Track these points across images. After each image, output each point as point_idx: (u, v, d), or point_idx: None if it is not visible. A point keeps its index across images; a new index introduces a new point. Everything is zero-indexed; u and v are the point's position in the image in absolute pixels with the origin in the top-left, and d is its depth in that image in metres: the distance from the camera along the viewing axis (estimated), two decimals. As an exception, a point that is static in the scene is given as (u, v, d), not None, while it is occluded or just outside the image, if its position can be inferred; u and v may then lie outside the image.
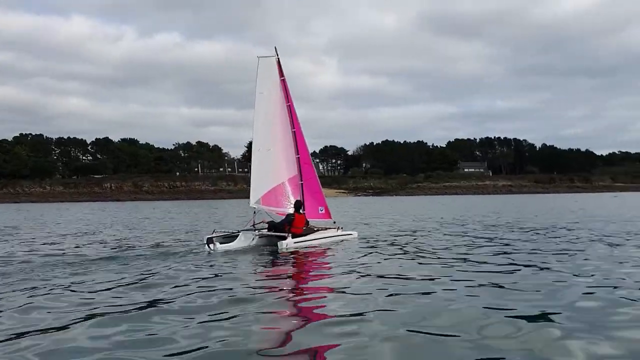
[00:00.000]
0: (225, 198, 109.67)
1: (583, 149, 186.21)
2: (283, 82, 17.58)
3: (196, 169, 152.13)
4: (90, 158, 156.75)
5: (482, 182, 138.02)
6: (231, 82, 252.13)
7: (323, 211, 17.99)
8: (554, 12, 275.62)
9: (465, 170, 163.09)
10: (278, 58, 17.61)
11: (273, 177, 17.31)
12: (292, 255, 14.06)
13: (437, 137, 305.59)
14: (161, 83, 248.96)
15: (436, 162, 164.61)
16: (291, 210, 16.41)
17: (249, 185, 17.42)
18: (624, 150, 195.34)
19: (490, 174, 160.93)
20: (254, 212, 16.78)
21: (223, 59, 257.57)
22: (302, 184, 17.46)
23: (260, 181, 17.22)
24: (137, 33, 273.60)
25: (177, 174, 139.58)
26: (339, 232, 17.47)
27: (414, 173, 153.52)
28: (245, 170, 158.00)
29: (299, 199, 16.92)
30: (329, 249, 15.28)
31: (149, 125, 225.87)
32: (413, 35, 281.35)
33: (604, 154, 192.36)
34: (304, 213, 16.61)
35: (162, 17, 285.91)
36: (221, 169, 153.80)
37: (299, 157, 17.53)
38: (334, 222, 17.92)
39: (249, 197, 17.24)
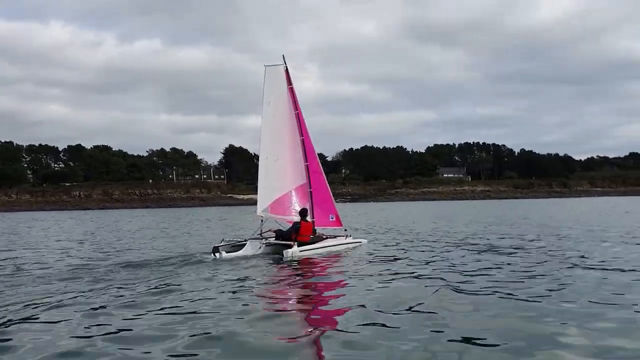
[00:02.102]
0: (199, 206, 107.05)
1: (561, 154, 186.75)
2: (291, 90, 17.54)
3: (171, 176, 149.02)
4: (62, 165, 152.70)
5: (461, 188, 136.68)
6: (212, 89, 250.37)
7: (334, 219, 17.97)
8: (531, 20, 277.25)
9: (444, 175, 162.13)
10: (286, 66, 17.57)
11: (280, 185, 17.37)
12: (295, 264, 13.96)
13: (418, 143, 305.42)
14: (142, 89, 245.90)
15: (415, 168, 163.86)
16: (297, 219, 16.37)
17: (256, 193, 17.78)
18: (602, 155, 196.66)
19: (469, 179, 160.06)
20: (262, 221, 16.87)
21: (204, 65, 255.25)
22: (310, 191, 17.38)
23: (268, 189, 17.34)
24: (117, 39, 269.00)
25: (150, 181, 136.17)
26: (348, 239, 17.38)
27: (393, 179, 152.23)
28: (222, 177, 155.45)
29: (305, 207, 16.78)
30: (335, 257, 15.15)
31: (129, 132, 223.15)
32: (393, 42, 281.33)
33: (582, 159, 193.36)
34: (312, 221, 16.63)
35: (142, 24, 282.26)
36: (197, 176, 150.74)
37: (307, 165, 17.48)
38: (345, 230, 18.00)
39: (224, 205, 15.98)
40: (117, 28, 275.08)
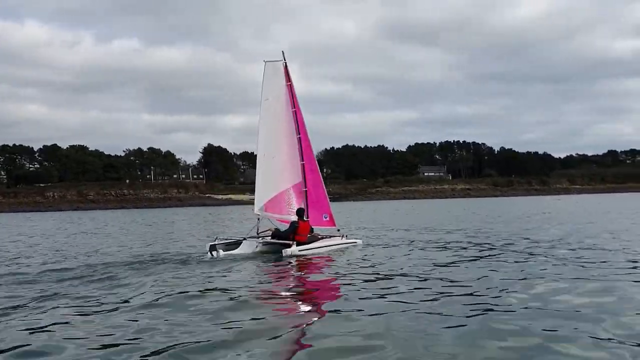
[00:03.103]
0: (175, 206, 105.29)
1: (541, 153, 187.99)
2: (290, 87, 17.41)
3: (149, 176, 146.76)
4: (38, 166, 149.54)
5: (441, 186, 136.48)
6: (192, 88, 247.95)
7: (327, 218, 17.79)
8: (510, 19, 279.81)
9: (425, 174, 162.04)
10: (285, 62, 17.44)
11: (276, 184, 17.23)
12: (293, 263, 13.93)
13: (399, 143, 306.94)
14: (122, 89, 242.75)
15: (396, 167, 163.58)
16: (294, 218, 16.23)
17: (253, 193, 17.52)
18: (581, 153, 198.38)
19: (450, 178, 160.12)
20: (258, 219, 16.83)
21: (184, 65, 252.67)
22: (305, 190, 17.22)
23: (264, 188, 17.20)
24: (95, 39, 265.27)
25: (127, 181, 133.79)
26: (344, 240, 17.14)
27: (375, 178, 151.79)
28: (201, 176, 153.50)
29: (301, 206, 16.73)
30: (330, 257, 15.02)
31: (109, 132, 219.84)
32: (373, 42, 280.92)
33: (562, 157, 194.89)
34: (307, 220, 16.47)
35: (120, 23, 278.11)
36: (175, 176, 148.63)
37: (303, 164, 17.33)
38: (338, 230, 17.82)
39: (202, 205, 15.18)
40: (95, 27, 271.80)
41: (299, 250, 15.20)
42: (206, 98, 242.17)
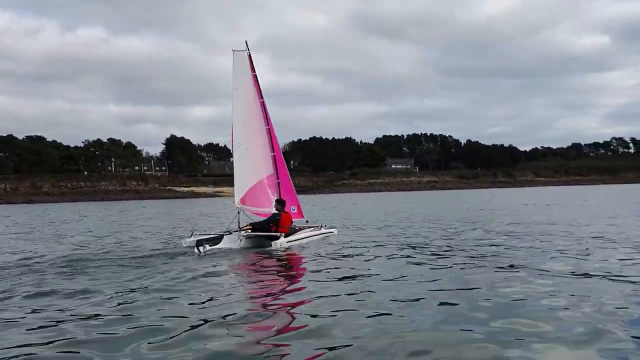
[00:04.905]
0: (133, 199, 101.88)
1: (507, 145, 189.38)
2: (255, 77, 17.15)
3: (110, 168, 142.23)
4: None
5: (407, 179, 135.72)
6: (158, 79, 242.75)
7: (295, 210, 17.44)
8: (477, 15, 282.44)
9: (393, 166, 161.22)
10: (249, 52, 17.17)
11: (250, 176, 17.01)
12: (284, 255, 13.50)
13: (368, 136, 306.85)
14: (86, 79, 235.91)
15: (364, 159, 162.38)
16: (271, 210, 16.09)
17: (233, 185, 17.16)
18: (546, 146, 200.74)
19: (417, 170, 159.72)
20: (238, 212, 16.43)
21: (150, 55, 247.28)
22: (278, 182, 17.05)
23: (241, 180, 16.97)
24: (58, 27, 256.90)
25: (85, 173, 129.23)
26: (322, 230, 17.09)
27: (342, 170, 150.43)
28: (163, 168, 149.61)
29: (280, 197, 16.48)
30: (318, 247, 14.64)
31: (72, 123, 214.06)
32: (342, 35, 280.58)
33: (527, 150, 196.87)
34: (288, 212, 16.22)
35: (84, 11, 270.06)
36: (136, 168, 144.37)
37: (274, 155, 17.17)
38: (307, 222, 17.61)
39: (162, 198, 13.25)
40: (58, 15, 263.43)
41: (287, 242, 14.84)
42: (173, 89, 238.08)
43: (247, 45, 17.08)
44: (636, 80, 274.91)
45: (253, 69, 17.09)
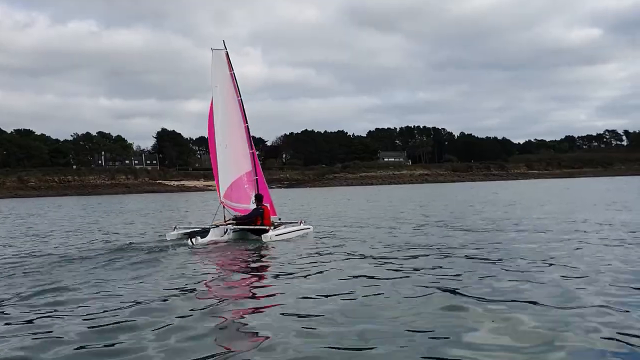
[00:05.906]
0: (123, 193, 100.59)
1: (500, 138, 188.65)
2: (232, 76, 17.47)
3: (100, 162, 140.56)
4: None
5: (399, 172, 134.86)
6: (151, 73, 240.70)
7: (268, 207, 17.26)
8: (468, 8, 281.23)
9: (385, 159, 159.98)
10: (227, 51, 17.47)
11: (231, 172, 17.30)
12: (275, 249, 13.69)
13: (360, 129, 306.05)
14: (78, 73, 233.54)
15: (357, 152, 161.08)
16: (251, 206, 16.61)
17: (216, 180, 17.45)
18: (539, 139, 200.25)
19: (410, 163, 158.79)
20: (224, 207, 16.78)
21: (142, 48, 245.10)
22: (257, 179, 17.46)
23: (223, 177, 17.25)
24: (49, 20, 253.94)
25: (74, 167, 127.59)
26: (302, 225, 17.32)
27: (334, 163, 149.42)
28: (154, 162, 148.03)
29: (258, 193, 16.83)
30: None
31: (64, 117, 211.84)
32: (335, 27, 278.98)
33: (520, 142, 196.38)
34: (266, 206, 16.60)
35: (76, 4, 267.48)
36: (127, 162, 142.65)
37: (252, 152, 17.64)
38: (280, 219, 17.78)
39: (151, 192, 12.98)
40: (49, 9, 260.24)
41: (276, 235, 15.41)
42: (165, 83, 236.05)
43: (224, 45, 17.48)
44: (628, 72, 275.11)
45: (231, 68, 17.46)
